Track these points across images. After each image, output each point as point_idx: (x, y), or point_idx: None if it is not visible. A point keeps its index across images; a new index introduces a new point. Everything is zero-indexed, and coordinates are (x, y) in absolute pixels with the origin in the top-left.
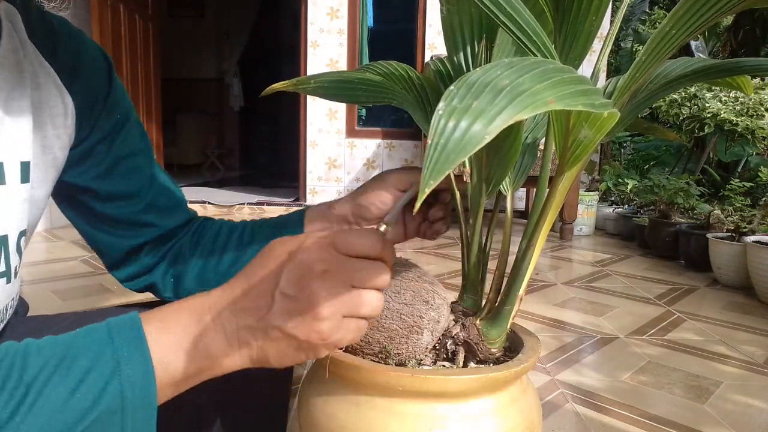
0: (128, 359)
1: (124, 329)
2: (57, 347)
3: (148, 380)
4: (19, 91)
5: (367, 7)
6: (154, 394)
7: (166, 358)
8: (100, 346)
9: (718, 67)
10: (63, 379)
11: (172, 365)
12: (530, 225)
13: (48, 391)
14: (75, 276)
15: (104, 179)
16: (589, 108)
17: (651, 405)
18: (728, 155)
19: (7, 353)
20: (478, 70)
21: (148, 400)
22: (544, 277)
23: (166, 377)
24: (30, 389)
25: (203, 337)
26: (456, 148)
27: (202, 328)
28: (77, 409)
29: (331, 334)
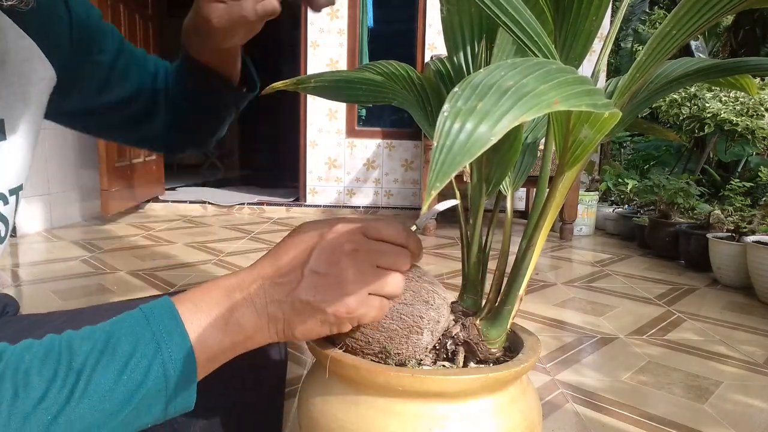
0: (168, 339)
1: (159, 311)
2: (98, 334)
3: (189, 357)
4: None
5: (367, 7)
6: (195, 370)
7: (202, 335)
8: (140, 329)
9: (719, 67)
10: (109, 363)
11: (208, 341)
12: (530, 225)
13: (97, 376)
14: (75, 276)
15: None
16: (593, 108)
17: (651, 405)
18: (728, 155)
19: (52, 344)
20: (482, 71)
21: (189, 377)
22: (544, 277)
23: (204, 353)
24: (80, 376)
25: (235, 312)
26: (462, 150)
27: (233, 304)
28: (125, 391)
29: (356, 308)
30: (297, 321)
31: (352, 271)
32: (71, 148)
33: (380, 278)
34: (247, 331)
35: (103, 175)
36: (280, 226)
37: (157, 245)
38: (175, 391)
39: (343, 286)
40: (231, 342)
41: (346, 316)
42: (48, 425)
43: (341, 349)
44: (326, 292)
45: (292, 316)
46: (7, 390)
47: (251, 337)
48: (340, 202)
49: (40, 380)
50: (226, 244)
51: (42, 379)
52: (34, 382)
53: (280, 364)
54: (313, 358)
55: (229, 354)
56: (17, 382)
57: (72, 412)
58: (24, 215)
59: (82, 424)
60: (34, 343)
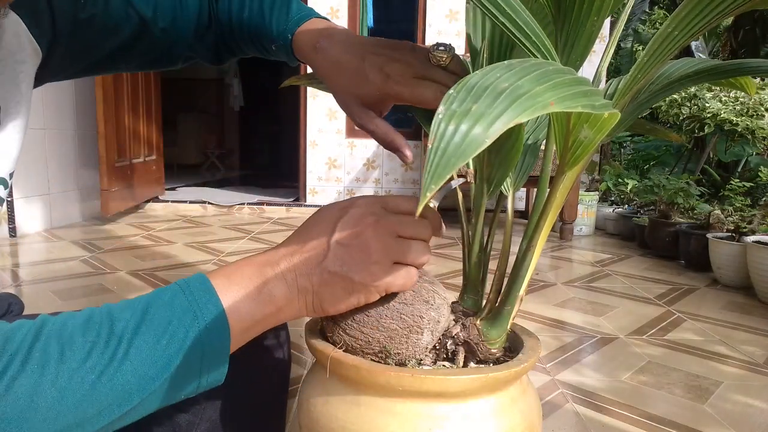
0: (203, 309)
1: (194, 284)
2: (137, 304)
3: (223, 326)
4: None
5: (367, 7)
6: (228, 339)
7: (235, 306)
8: (176, 300)
9: (720, 68)
10: (148, 330)
11: (241, 311)
12: (531, 225)
13: (137, 341)
14: (75, 276)
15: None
16: (589, 109)
17: (651, 405)
18: (728, 155)
19: (92, 313)
20: (477, 73)
21: (223, 346)
22: (544, 277)
23: (238, 323)
24: (122, 340)
25: (266, 285)
26: (456, 152)
27: (265, 278)
28: (163, 357)
29: (382, 276)
30: (326, 292)
31: (375, 240)
32: (71, 148)
33: (403, 246)
34: (278, 302)
35: (103, 175)
36: (280, 226)
37: (157, 245)
38: (210, 360)
39: (368, 255)
40: (263, 313)
41: (373, 284)
42: (92, 384)
43: (341, 349)
44: (352, 262)
45: (320, 287)
46: (54, 349)
47: (282, 309)
48: None
49: (84, 342)
50: (226, 244)
51: (86, 340)
52: (78, 343)
53: (283, 364)
54: (313, 358)
55: (260, 326)
56: (63, 343)
57: (114, 374)
58: (24, 215)
59: (123, 387)
60: (74, 313)
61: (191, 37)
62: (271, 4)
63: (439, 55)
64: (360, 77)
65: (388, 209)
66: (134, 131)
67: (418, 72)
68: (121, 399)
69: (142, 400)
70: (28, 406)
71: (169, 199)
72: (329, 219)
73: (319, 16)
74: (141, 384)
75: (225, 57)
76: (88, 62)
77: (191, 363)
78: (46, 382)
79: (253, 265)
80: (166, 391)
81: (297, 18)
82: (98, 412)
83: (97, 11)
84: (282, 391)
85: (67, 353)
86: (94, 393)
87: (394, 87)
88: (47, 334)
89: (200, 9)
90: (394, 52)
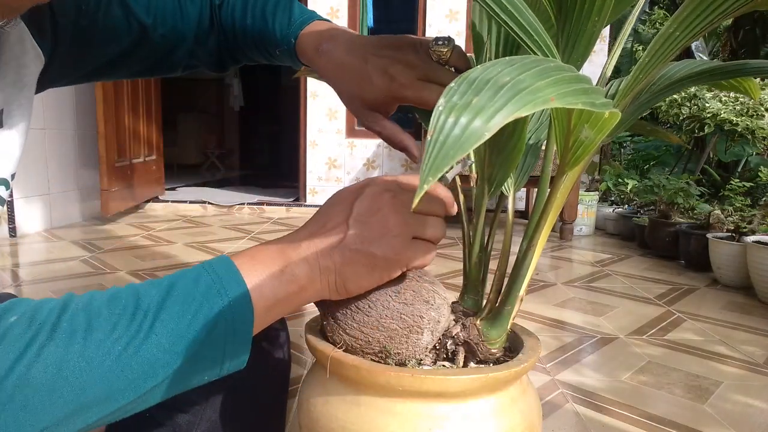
0: (227, 287)
1: (217, 264)
2: (162, 282)
3: (247, 303)
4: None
5: (367, 7)
6: (252, 317)
7: (259, 285)
8: (201, 278)
9: (722, 69)
10: (173, 305)
11: (265, 290)
12: (531, 225)
13: (162, 315)
14: (75, 276)
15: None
16: (590, 107)
17: (651, 405)
18: (728, 155)
19: (118, 290)
20: (478, 67)
21: (247, 324)
22: (544, 277)
23: (261, 301)
24: (147, 314)
25: (288, 265)
26: (455, 145)
27: (287, 259)
28: (188, 333)
29: (403, 250)
30: (348, 271)
31: (393, 215)
32: (71, 148)
33: (421, 221)
34: (301, 281)
35: (103, 175)
36: (280, 226)
37: (156, 245)
38: (234, 338)
39: (388, 230)
40: (285, 292)
41: (394, 257)
42: (119, 355)
43: (341, 349)
44: (373, 238)
45: (343, 266)
46: (81, 321)
47: (305, 288)
48: None
49: (111, 314)
50: (226, 244)
51: (112, 313)
52: (105, 315)
53: (283, 364)
54: (313, 358)
55: (283, 307)
56: (90, 315)
57: (140, 346)
58: (24, 215)
59: (149, 360)
60: (99, 291)
61: (191, 43)
62: (273, 9)
63: (439, 50)
64: (364, 80)
65: (403, 187)
66: (134, 131)
67: (421, 73)
68: (147, 373)
69: (166, 377)
70: (56, 375)
71: (169, 199)
72: (346, 199)
73: (321, 19)
74: (166, 358)
75: (228, 64)
76: (89, 68)
77: (215, 340)
78: (73, 352)
79: (275, 247)
80: (190, 369)
81: (299, 21)
82: (124, 387)
83: (97, 18)
84: (282, 391)
85: (95, 324)
86: (120, 365)
87: (399, 90)
88: (74, 307)
89: (201, 15)
90: (397, 53)
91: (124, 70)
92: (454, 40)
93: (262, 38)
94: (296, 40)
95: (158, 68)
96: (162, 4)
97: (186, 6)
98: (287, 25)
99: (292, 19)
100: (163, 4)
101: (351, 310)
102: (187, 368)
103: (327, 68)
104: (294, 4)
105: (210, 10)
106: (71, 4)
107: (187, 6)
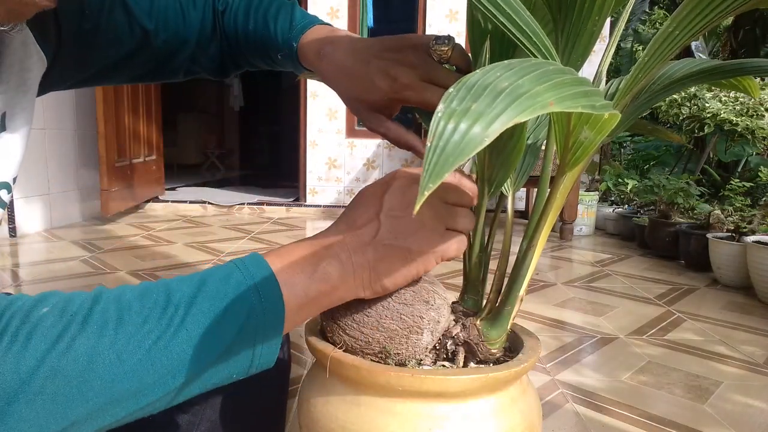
0: (259, 284)
1: (248, 261)
2: (194, 278)
3: (279, 300)
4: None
5: (367, 7)
6: (283, 313)
7: (290, 282)
8: (233, 274)
9: (721, 68)
10: (204, 301)
11: (296, 287)
12: (531, 225)
13: (194, 310)
14: (75, 276)
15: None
16: (590, 110)
17: (651, 405)
18: (728, 155)
19: (149, 285)
20: (477, 72)
21: (278, 321)
22: (544, 277)
23: (293, 298)
24: (178, 308)
25: (320, 263)
26: (455, 151)
27: (319, 257)
28: (219, 328)
29: (439, 242)
30: (383, 266)
31: (426, 208)
32: (71, 148)
33: (452, 212)
34: (333, 280)
35: (103, 175)
36: (280, 226)
37: (157, 245)
38: (264, 334)
39: (422, 223)
40: (317, 290)
41: (430, 250)
42: (149, 349)
43: (341, 349)
44: (407, 231)
45: (377, 262)
46: (112, 313)
47: (337, 288)
48: (340, 202)
49: (142, 308)
50: (226, 244)
51: (143, 306)
52: (136, 308)
53: (283, 364)
54: (313, 358)
55: (314, 306)
56: (122, 308)
57: (171, 340)
58: (24, 215)
59: (179, 354)
60: (130, 285)
61: (193, 48)
62: (275, 14)
63: (440, 49)
64: (366, 83)
65: None
66: (134, 131)
67: (423, 74)
68: (177, 368)
69: (195, 374)
70: (87, 366)
71: (169, 199)
72: (374, 195)
73: (323, 23)
74: (196, 354)
75: (230, 70)
76: (90, 72)
77: (246, 337)
78: (104, 344)
79: (307, 245)
80: (219, 367)
81: (301, 26)
82: (154, 381)
83: (100, 22)
84: (282, 391)
85: (126, 317)
86: (150, 359)
87: (402, 92)
88: (105, 300)
89: (203, 21)
90: (398, 54)
91: (125, 74)
92: (454, 38)
93: (264, 43)
94: (298, 44)
95: (159, 73)
96: (164, 9)
97: (188, 11)
98: (289, 30)
99: (293, 24)
100: (165, 9)
101: (351, 311)
102: (217, 365)
103: (329, 71)
104: (296, 9)
105: (213, 15)
106: (74, 7)
107: (190, 11)
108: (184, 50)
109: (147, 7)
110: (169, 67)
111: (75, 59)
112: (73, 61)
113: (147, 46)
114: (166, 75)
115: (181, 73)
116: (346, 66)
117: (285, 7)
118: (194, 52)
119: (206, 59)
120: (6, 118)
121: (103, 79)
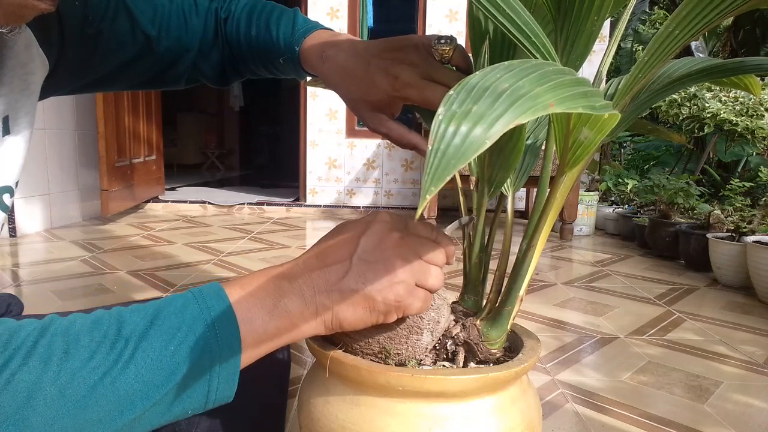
0: (215, 318)
1: (207, 292)
2: (148, 309)
3: (235, 336)
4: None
5: (367, 7)
6: (240, 350)
7: (249, 317)
8: (188, 306)
9: (721, 67)
10: (157, 335)
11: (255, 323)
12: (531, 226)
13: (144, 344)
14: (75, 276)
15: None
16: (590, 110)
17: (651, 405)
18: (728, 155)
19: (102, 315)
20: (477, 74)
21: (234, 357)
22: (544, 277)
23: (250, 335)
24: (128, 342)
25: (283, 298)
26: (456, 154)
27: (281, 291)
28: (170, 364)
29: (405, 297)
30: (346, 310)
31: (400, 260)
32: (71, 148)
33: (423, 268)
34: (293, 317)
35: (103, 175)
36: (280, 226)
37: (157, 245)
38: (220, 371)
39: (393, 274)
40: (276, 327)
41: (395, 304)
42: (94, 385)
43: (341, 349)
44: (375, 279)
45: (341, 305)
46: (59, 346)
47: (297, 325)
48: (340, 202)
49: (90, 341)
50: (226, 244)
51: (92, 340)
52: (84, 341)
53: (283, 364)
54: (313, 358)
55: (273, 342)
56: (69, 341)
57: (118, 376)
58: (24, 215)
59: (126, 390)
60: (83, 314)
61: (195, 55)
62: (277, 20)
63: (441, 48)
64: (368, 83)
65: (410, 229)
66: (134, 131)
67: (424, 72)
68: (123, 405)
69: (145, 410)
70: (26, 403)
71: (169, 199)
72: (352, 233)
73: (324, 28)
74: (145, 391)
75: (231, 78)
76: (91, 78)
77: (199, 373)
78: (47, 379)
79: (270, 277)
80: (171, 403)
81: (303, 31)
82: (98, 419)
83: (103, 27)
84: (282, 391)
85: (72, 351)
86: (95, 395)
87: (403, 90)
88: (53, 331)
89: (205, 28)
90: (399, 54)
91: (127, 81)
92: (455, 38)
93: (266, 48)
94: (300, 48)
95: (161, 80)
96: (167, 16)
97: (191, 19)
98: (291, 34)
99: (296, 28)
100: (168, 16)
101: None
102: (168, 402)
103: (331, 74)
104: (297, 14)
105: (215, 22)
106: (78, 12)
107: (192, 19)
108: (187, 57)
109: (150, 13)
110: (171, 74)
111: (77, 64)
112: (75, 66)
113: (149, 53)
114: (167, 82)
115: (182, 81)
116: (348, 67)
117: (287, 13)
118: (196, 59)
119: (208, 66)
120: (9, 121)
121: (104, 85)
